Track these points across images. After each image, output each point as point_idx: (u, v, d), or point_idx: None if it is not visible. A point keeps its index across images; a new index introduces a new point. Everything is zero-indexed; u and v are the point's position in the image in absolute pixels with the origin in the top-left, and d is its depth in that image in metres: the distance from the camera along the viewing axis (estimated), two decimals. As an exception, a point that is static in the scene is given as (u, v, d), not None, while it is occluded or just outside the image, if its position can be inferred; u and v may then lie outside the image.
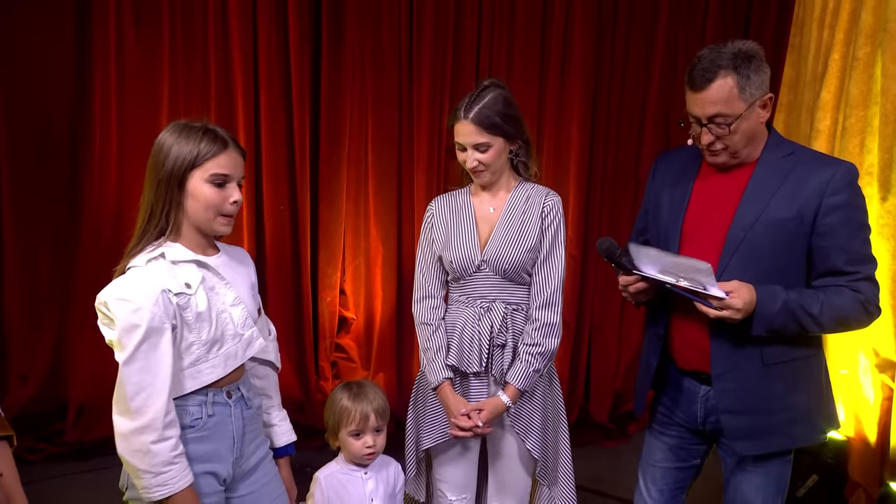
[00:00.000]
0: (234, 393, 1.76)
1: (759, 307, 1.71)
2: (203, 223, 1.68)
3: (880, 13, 3.31)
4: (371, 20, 4.03)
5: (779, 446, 1.92)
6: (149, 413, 1.57)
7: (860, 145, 3.42)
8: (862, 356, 3.41)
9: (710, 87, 1.75)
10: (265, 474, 1.87)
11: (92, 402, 3.84)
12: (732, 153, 1.83)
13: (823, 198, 1.75)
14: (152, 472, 1.58)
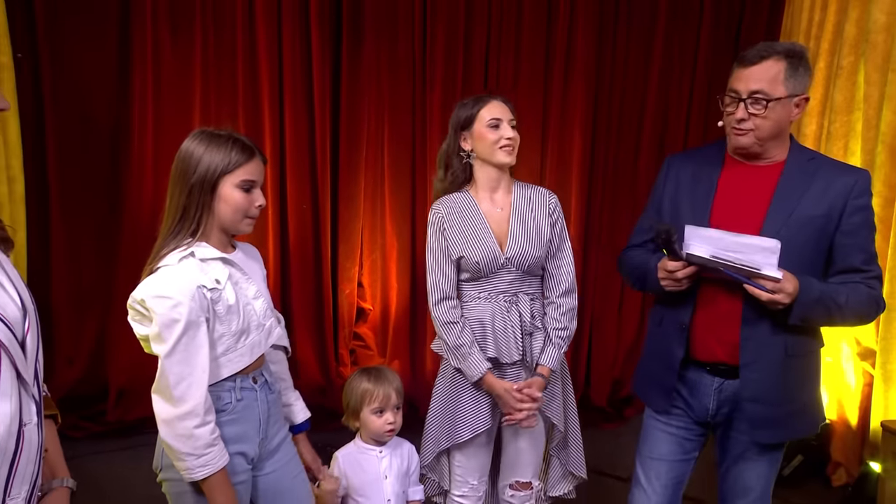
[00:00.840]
0: (259, 378, 1.78)
1: (801, 295, 1.70)
2: (230, 224, 1.70)
3: (863, 25, 3.32)
4: (387, 32, 4.05)
5: (794, 435, 1.92)
6: (191, 400, 1.58)
7: (844, 148, 3.44)
8: (845, 345, 3.43)
9: (761, 64, 1.74)
10: (286, 453, 1.88)
11: (131, 385, 3.88)
12: (758, 138, 1.79)
13: (849, 199, 1.75)
14: (195, 454, 1.58)
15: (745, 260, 1.66)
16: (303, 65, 3.98)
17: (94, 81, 3.78)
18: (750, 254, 1.66)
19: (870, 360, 3.28)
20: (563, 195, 4.27)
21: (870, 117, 3.26)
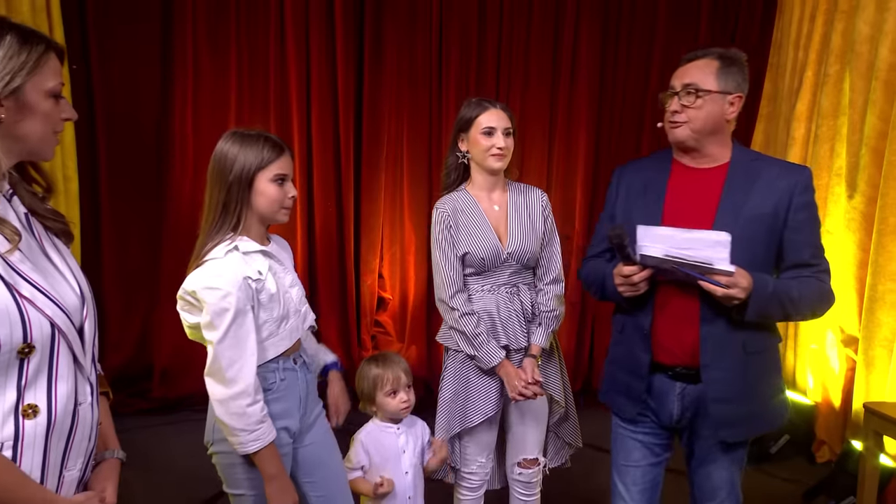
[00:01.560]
0: (298, 360, 1.79)
1: (756, 290, 1.60)
2: (269, 215, 1.70)
3: (848, 36, 3.33)
4: (406, 42, 4.09)
5: (758, 431, 1.85)
6: (242, 381, 1.59)
7: (830, 150, 3.45)
8: (829, 333, 3.44)
9: (696, 62, 1.73)
10: (321, 426, 1.90)
11: (173, 366, 3.96)
12: (693, 131, 1.72)
13: (794, 196, 1.69)
14: (248, 429, 1.60)
15: (697, 256, 1.57)
16: (328, 73, 4.04)
17: (140, 90, 3.87)
18: (701, 249, 1.57)
19: (852, 347, 3.28)
20: (569, 191, 4.35)
21: (854, 122, 3.26)
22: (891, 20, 2.98)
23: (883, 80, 3.03)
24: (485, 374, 2.11)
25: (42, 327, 1.09)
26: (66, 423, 1.14)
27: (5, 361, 1.05)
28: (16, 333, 1.05)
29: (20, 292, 1.07)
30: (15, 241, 1.09)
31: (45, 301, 1.10)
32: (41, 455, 1.11)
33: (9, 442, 1.07)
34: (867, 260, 3.13)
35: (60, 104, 1.16)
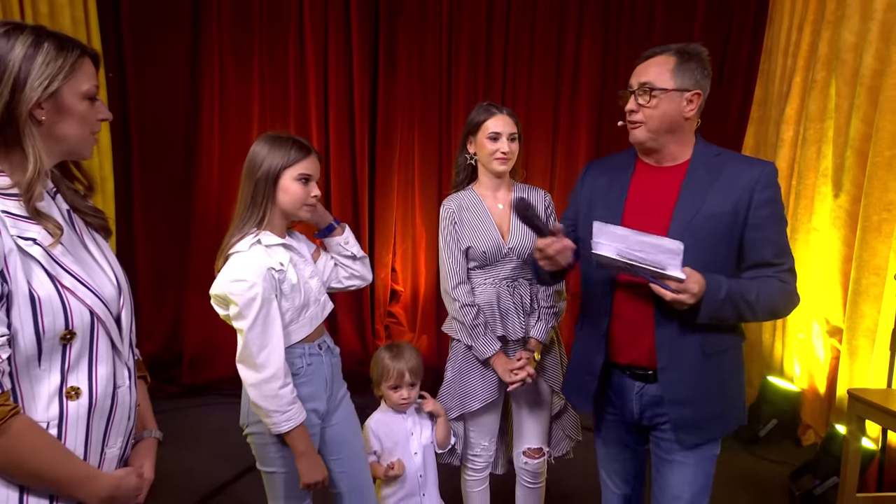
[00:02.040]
0: (323, 345, 1.80)
1: (708, 294, 1.48)
2: (292, 211, 1.71)
3: (834, 44, 3.33)
4: (418, 51, 4.12)
5: (717, 434, 1.68)
6: (272, 366, 1.61)
7: (817, 152, 3.45)
8: (815, 324, 3.45)
9: (652, 59, 1.61)
10: (346, 407, 1.90)
11: (201, 353, 4.01)
12: (650, 131, 1.61)
13: (754, 193, 1.55)
14: (280, 410, 1.62)
15: (650, 260, 1.45)
16: (345, 80, 4.07)
17: (170, 96, 3.92)
18: (655, 254, 1.45)
19: (837, 337, 3.29)
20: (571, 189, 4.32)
21: (840, 125, 3.26)
22: (874, 30, 2.98)
23: (867, 86, 3.04)
24: (482, 363, 2.11)
25: (82, 315, 1.10)
26: (107, 405, 1.16)
27: (49, 347, 1.07)
28: (58, 321, 1.07)
29: (62, 283, 1.09)
30: (57, 235, 1.10)
31: (84, 291, 1.12)
32: (84, 434, 1.12)
33: (54, 421, 1.09)
34: (851, 255, 3.14)
35: (96, 105, 1.17)
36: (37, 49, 1.07)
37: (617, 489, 1.88)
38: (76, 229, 1.21)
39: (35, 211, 1.08)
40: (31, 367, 1.06)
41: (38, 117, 1.08)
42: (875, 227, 2.96)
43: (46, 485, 1.09)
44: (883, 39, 2.96)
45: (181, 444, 3.18)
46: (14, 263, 1.03)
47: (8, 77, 1.05)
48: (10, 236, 1.04)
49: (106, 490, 1.14)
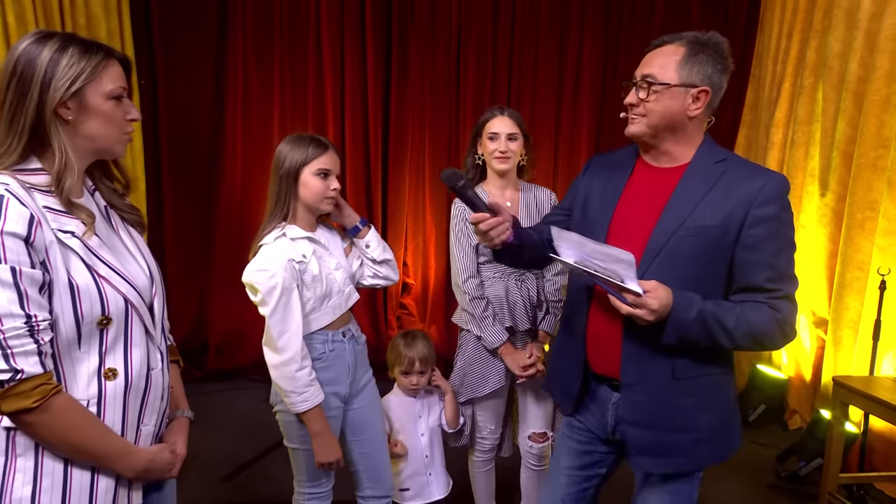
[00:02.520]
0: (347, 333, 1.80)
1: (675, 313, 1.26)
2: (313, 205, 1.72)
3: (821, 52, 3.34)
4: (429, 58, 4.14)
5: (684, 467, 1.43)
6: (291, 349, 1.64)
7: (805, 153, 3.46)
8: (802, 316, 3.45)
9: (661, 48, 1.38)
10: (370, 393, 1.90)
11: (226, 341, 4.06)
12: (649, 126, 1.38)
13: (751, 208, 1.29)
14: (297, 391, 1.65)
15: (608, 269, 1.26)
16: (360, 85, 4.09)
17: (197, 101, 3.96)
18: (610, 263, 1.25)
19: (822, 328, 3.30)
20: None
21: (827, 128, 3.27)
22: (859, 38, 2.99)
23: (852, 92, 3.04)
24: (490, 353, 2.12)
25: (117, 302, 1.13)
26: (141, 385, 1.18)
27: (88, 332, 1.10)
28: (95, 308, 1.10)
29: (98, 273, 1.11)
30: (90, 223, 1.12)
31: (119, 280, 1.14)
32: (121, 411, 1.15)
33: (94, 399, 1.12)
34: (836, 251, 3.15)
35: (123, 106, 1.17)
36: (62, 53, 1.08)
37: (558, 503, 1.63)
38: (113, 224, 1.24)
39: (68, 202, 1.11)
40: (72, 350, 1.09)
41: (64, 116, 1.10)
42: (859, 224, 2.97)
43: (87, 458, 1.11)
44: (867, 47, 2.97)
45: (208, 425, 3.23)
46: (55, 255, 1.06)
47: (36, 79, 1.07)
48: (51, 230, 1.07)
49: (141, 464, 1.17)
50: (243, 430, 3.24)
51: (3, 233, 1.00)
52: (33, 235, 1.02)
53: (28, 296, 1.02)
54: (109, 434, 1.13)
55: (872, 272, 2.82)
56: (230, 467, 2.89)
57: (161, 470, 1.22)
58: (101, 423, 1.12)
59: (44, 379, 1.04)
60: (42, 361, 1.04)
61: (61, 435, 1.07)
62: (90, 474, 1.12)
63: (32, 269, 1.02)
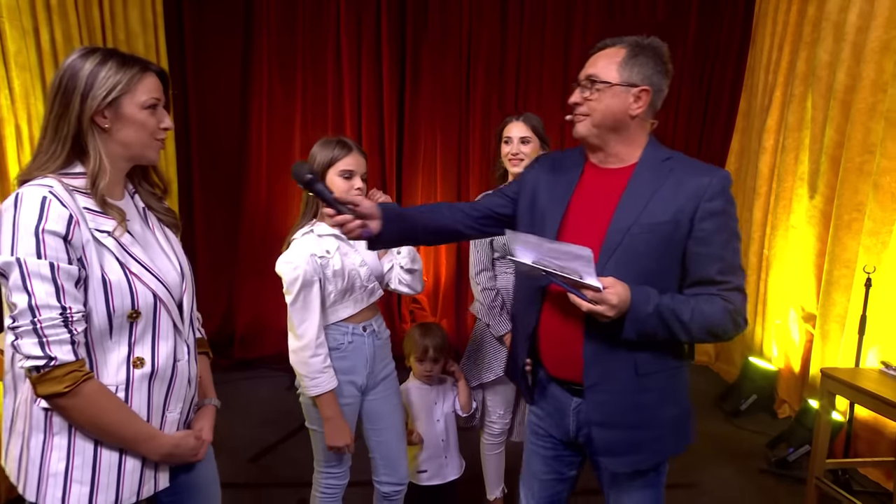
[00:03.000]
0: (368, 328, 1.79)
1: (633, 307, 1.22)
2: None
3: (810, 62, 3.34)
4: (440, 68, 4.16)
5: (646, 464, 1.38)
6: (307, 337, 1.65)
7: (795, 158, 3.46)
8: (792, 311, 3.46)
9: (603, 51, 1.35)
10: (389, 387, 1.88)
11: (250, 333, 4.10)
12: (594, 125, 1.33)
13: (701, 202, 1.27)
14: (309, 376, 1.66)
15: (566, 267, 1.21)
16: (376, 93, 4.13)
17: (225, 110, 4.01)
18: (568, 261, 1.20)
19: (811, 323, 3.31)
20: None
21: (815, 134, 3.27)
22: (846, 50, 3.00)
23: (839, 100, 3.05)
24: (498, 340, 2.13)
25: (146, 298, 1.14)
26: (167, 374, 1.19)
27: (119, 324, 1.12)
28: (125, 302, 1.11)
29: (130, 270, 1.13)
30: (121, 220, 1.14)
31: (149, 277, 1.15)
32: (146, 398, 1.16)
33: (122, 385, 1.13)
34: (825, 250, 3.16)
35: (157, 115, 1.18)
36: (101, 66, 1.11)
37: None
38: (149, 224, 1.26)
39: (103, 202, 1.13)
40: (104, 340, 1.12)
41: (101, 125, 1.12)
42: (846, 225, 2.98)
43: (114, 440, 1.14)
44: (854, 59, 2.97)
45: (233, 411, 3.26)
46: (91, 252, 1.09)
47: (77, 90, 1.10)
48: (88, 229, 1.09)
49: (166, 448, 1.19)
50: (266, 416, 3.28)
51: (45, 231, 1.03)
52: (71, 234, 1.05)
53: (64, 289, 1.04)
54: (136, 419, 1.14)
55: (858, 270, 2.83)
56: (255, 450, 2.93)
57: (185, 454, 1.23)
58: (128, 409, 1.13)
59: (76, 366, 1.06)
60: (74, 350, 1.06)
61: (91, 418, 1.10)
62: (118, 455, 1.14)
63: (69, 264, 1.05)
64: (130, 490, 1.16)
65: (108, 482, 1.13)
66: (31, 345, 1.03)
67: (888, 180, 2.71)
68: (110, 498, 1.13)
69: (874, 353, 2.75)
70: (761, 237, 3.77)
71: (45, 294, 1.03)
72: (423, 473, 2.11)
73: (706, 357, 4.38)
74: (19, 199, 1.05)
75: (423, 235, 1.51)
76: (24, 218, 1.03)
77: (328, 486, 1.83)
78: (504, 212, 1.53)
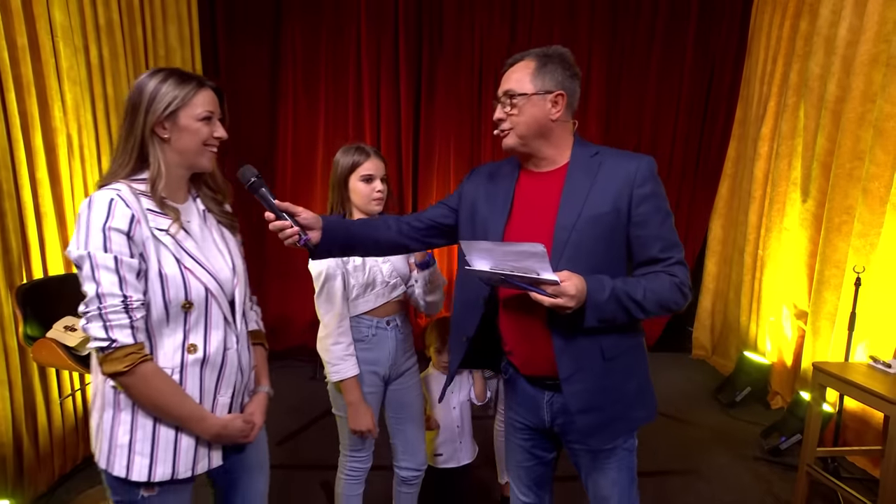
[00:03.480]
0: (392, 322, 1.79)
1: (590, 296, 1.22)
2: (363, 206, 1.74)
3: (803, 74, 3.34)
4: (454, 81, 4.19)
5: (622, 432, 1.39)
6: (330, 326, 1.68)
7: (788, 165, 3.46)
8: (785, 308, 3.46)
9: (515, 66, 1.36)
10: (410, 378, 1.89)
11: (278, 326, 4.15)
12: (519, 136, 1.34)
13: (634, 188, 1.29)
14: (331, 363, 1.68)
15: (522, 267, 1.19)
16: (394, 104, 4.16)
17: (254, 121, 4.07)
18: (524, 260, 1.18)
19: (803, 319, 3.31)
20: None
21: (808, 142, 3.27)
22: (837, 63, 2.99)
23: (830, 110, 3.04)
24: None
25: (199, 290, 1.19)
26: (218, 361, 1.23)
27: (174, 313, 1.17)
28: (179, 294, 1.17)
29: (184, 265, 1.18)
30: (176, 218, 1.19)
31: (202, 272, 1.20)
32: (198, 381, 1.21)
33: (176, 368, 1.18)
34: (816, 251, 3.15)
35: (211, 126, 1.23)
36: (163, 83, 1.18)
37: (522, 496, 1.58)
38: (208, 225, 1.31)
39: (161, 203, 1.19)
40: (161, 327, 1.17)
41: (161, 135, 1.19)
42: (836, 227, 2.98)
43: (169, 418, 1.18)
44: (844, 71, 2.97)
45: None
46: (150, 248, 1.14)
47: (143, 104, 1.17)
48: (149, 227, 1.15)
49: (215, 429, 1.22)
50: (290, 404, 3.32)
51: (110, 228, 1.10)
52: (133, 231, 1.12)
53: (126, 280, 1.10)
54: (188, 400, 1.19)
55: (848, 270, 2.83)
56: (280, 436, 2.98)
57: (234, 435, 1.26)
58: (181, 390, 1.18)
59: (134, 349, 1.11)
60: (133, 334, 1.11)
61: (147, 396, 1.15)
62: (174, 432, 1.19)
63: (131, 258, 1.11)
64: (185, 465, 1.21)
65: (166, 457, 1.19)
66: (97, 328, 1.10)
67: (876, 185, 2.71)
68: (167, 471, 1.18)
69: (863, 348, 2.75)
70: (756, 239, 3.77)
71: (109, 284, 1.09)
72: (439, 457, 2.15)
73: (703, 352, 4.38)
74: (92, 201, 1.12)
75: (366, 248, 1.50)
76: (95, 217, 1.10)
77: (352, 468, 1.85)
78: (446, 222, 1.52)
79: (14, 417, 2.21)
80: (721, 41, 4.14)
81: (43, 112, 2.37)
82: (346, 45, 4.07)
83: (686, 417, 3.31)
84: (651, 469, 2.68)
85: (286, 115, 4.07)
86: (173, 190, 1.24)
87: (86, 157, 2.61)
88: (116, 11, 2.82)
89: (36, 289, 2.17)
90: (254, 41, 3.98)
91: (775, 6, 3.65)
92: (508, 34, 4.15)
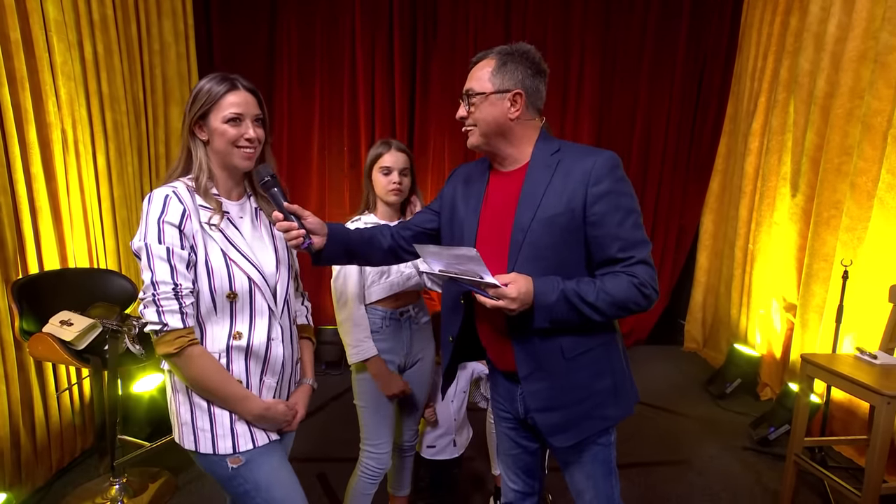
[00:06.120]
0: (406, 313, 1.82)
1: (538, 298, 1.20)
2: (384, 197, 1.79)
3: (793, 70, 3.35)
4: (448, 78, 4.18)
5: (591, 430, 1.34)
6: (347, 309, 1.75)
7: (778, 160, 3.47)
8: (774, 301, 3.48)
9: (478, 65, 1.34)
10: (421, 368, 1.92)
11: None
12: (482, 134, 1.33)
13: (588, 187, 1.23)
14: (352, 344, 1.74)
15: (466, 270, 1.19)
16: (388, 97, 4.15)
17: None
18: (465, 264, 1.18)
19: (791, 312, 3.33)
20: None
21: (797, 137, 3.28)
22: (826, 59, 3.01)
23: (820, 106, 3.06)
24: None
25: (242, 282, 1.25)
26: (262, 349, 1.29)
27: (221, 302, 1.24)
28: (224, 284, 1.23)
29: (230, 257, 1.24)
30: (217, 208, 1.25)
31: (246, 264, 1.26)
32: (244, 365, 1.27)
33: (223, 353, 1.25)
34: (805, 245, 3.17)
35: (240, 127, 1.25)
36: (203, 86, 1.26)
37: (511, 483, 1.58)
38: (259, 221, 1.36)
39: (205, 195, 1.26)
40: (210, 315, 1.24)
41: (199, 136, 1.27)
42: (825, 221, 2.99)
43: (215, 398, 1.25)
44: (833, 67, 2.98)
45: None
46: (199, 241, 1.22)
47: (187, 106, 1.27)
48: (199, 221, 1.23)
49: (258, 410, 1.27)
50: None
51: (164, 222, 1.18)
52: (184, 224, 1.20)
53: (177, 269, 1.18)
54: (233, 382, 1.25)
55: (836, 263, 2.84)
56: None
57: (276, 419, 1.30)
58: (226, 372, 1.24)
59: (183, 332, 1.19)
60: (183, 319, 1.19)
61: (195, 376, 1.22)
62: (228, 414, 1.27)
63: (182, 249, 1.19)
64: (245, 441, 1.28)
65: (224, 433, 1.27)
66: (151, 312, 1.18)
67: (864, 180, 2.73)
68: (228, 445, 1.26)
69: (850, 340, 2.77)
70: (746, 233, 3.79)
71: (162, 272, 1.17)
72: (431, 448, 2.16)
73: (695, 344, 4.41)
74: (151, 197, 1.21)
75: (365, 257, 1.51)
76: (152, 211, 1.19)
77: (370, 467, 1.84)
78: (432, 227, 1.52)
79: (11, 412, 2.21)
80: (712, 38, 4.14)
81: (37, 107, 2.35)
82: (341, 37, 4.05)
83: (677, 409, 3.34)
84: (642, 459, 2.71)
85: (281, 108, 4.05)
86: (226, 188, 1.31)
87: (80, 152, 2.59)
88: (111, 7, 2.80)
89: (31, 284, 2.16)
90: (249, 34, 3.95)
91: (766, 3, 3.66)
92: (503, 27, 4.14)
